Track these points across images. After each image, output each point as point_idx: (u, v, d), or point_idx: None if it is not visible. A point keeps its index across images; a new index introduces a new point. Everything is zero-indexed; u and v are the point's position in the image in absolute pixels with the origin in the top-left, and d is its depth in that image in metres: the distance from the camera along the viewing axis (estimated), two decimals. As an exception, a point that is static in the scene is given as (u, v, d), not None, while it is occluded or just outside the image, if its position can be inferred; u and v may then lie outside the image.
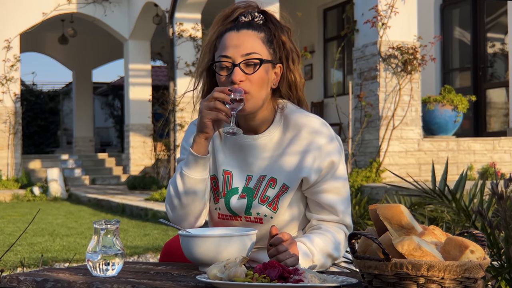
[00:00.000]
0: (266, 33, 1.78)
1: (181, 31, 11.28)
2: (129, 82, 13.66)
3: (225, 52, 1.74)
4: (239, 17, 1.80)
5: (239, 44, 1.73)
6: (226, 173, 1.83)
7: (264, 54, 1.76)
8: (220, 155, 1.84)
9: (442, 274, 1.20)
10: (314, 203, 1.82)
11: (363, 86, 7.69)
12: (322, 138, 1.78)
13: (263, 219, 1.79)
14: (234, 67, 1.73)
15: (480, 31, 10.91)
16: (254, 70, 1.73)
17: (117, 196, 10.25)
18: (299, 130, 1.79)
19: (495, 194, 1.16)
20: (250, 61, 1.73)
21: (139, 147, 13.70)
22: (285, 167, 1.78)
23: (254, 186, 1.80)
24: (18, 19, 12.37)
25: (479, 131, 10.75)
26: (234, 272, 1.36)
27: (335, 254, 1.78)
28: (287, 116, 1.82)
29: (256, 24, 1.78)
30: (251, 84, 1.73)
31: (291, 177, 1.77)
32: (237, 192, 1.81)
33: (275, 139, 1.80)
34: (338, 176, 1.80)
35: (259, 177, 1.80)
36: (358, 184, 7.12)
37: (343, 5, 12.08)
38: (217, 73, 1.77)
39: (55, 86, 22.76)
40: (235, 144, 1.83)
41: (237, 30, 1.76)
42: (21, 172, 12.37)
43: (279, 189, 1.78)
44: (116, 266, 1.54)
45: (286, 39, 1.81)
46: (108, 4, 13.26)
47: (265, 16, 1.82)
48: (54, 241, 6.17)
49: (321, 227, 1.81)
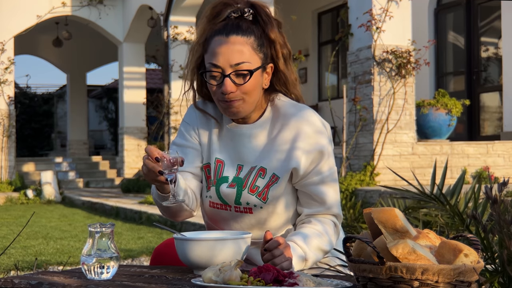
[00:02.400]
0: (256, 35, 1.75)
1: (176, 34, 11.28)
2: (123, 85, 13.65)
3: (215, 61, 1.72)
4: (229, 13, 1.77)
5: (228, 52, 1.71)
6: (218, 161, 1.84)
7: (254, 61, 1.74)
8: (214, 143, 1.85)
9: (436, 277, 1.21)
10: (304, 195, 1.82)
11: (357, 90, 7.71)
12: (310, 128, 1.78)
13: (253, 209, 1.80)
14: (224, 77, 1.71)
15: (474, 36, 10.95)
16: (244, 81, 1.72)
17: (111, 199, 10.22)
18: (288, 119, 1.79)
19: (489, 198, 1.17)
20: (240, 72, 1.71)
21: (133, 150, 13.69)
22: (274, 157, 1.79)
23: (244, 176, 1.81)
24: (12, 22, 12.34)
25: (472, 135, 10.78)
26: (229, 276, 1.36)
27: (328, 248, 1.80)
28: (277, 106, 1.83)
29: (245, 27, 1.74)
30: (243, 93, 1.73)
31: (281, 168, 1.78)
32: (227, 180, 1.82)
33: (266, 129, 1.81)
34: (327, 167, 1.81)
35: (250, 167, 1.81)
36: (352, 188, 7.13)
37: (337, 9, 12.11)
38: (207, 82, 1.76)
39: (49, 89, 22.73)
40: (229, 133, 1.84)
41: (226, 35, 1.72)
42: (15, 175, 12.33)
43: (269, 179, 1.78)
44: (111, 269, 1.54)
45: (276, 35, 1.78)
46: (102, 7, 13.25)
47: (255, 11, 1.78)
48: (47, 244, 6.15)
49: (311, 221, 1.81)
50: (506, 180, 1.20)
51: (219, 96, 1.74)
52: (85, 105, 18.36)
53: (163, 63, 11.55)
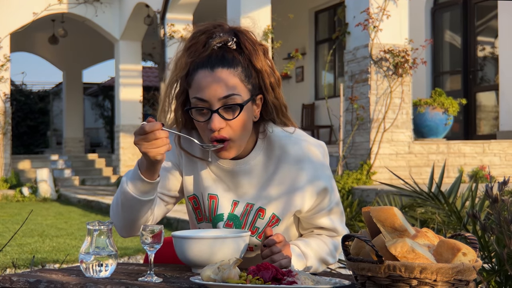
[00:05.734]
0: (243, 66, 1.63)
1: (173, 32, 11.27)
2: (119, 83, 13.63)
3: (201, 95, 1.59)
4: (210, 41, 1.64)
5: (215, 86, 1.58)
6: (211, 197, 1.73)
7: (243, 92, 1.61)
8: (204, 178, 1.74)
9: (435, 276, 1.21)
10: (311, 225, 1.78)
11: (354, 89, 7.72)
12: (311, 166, 1.68)
13: (253, 248, 1.74)
14: (212, 113, 1.59)
15: (471, 35, 10.97)
16: (234, 116, 1.59)
17: (107, 197, 10.21)
18: (285, 154, 1.69)
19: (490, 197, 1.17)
20: (229, 106, 1.59)
21: (130, 148, 13.67)
22: (274, 198, 1.69)
23: (242, 215, 1.72)
24: (8, 19, 12.32)
25: (469, 134, 10.80)
26: (228, 274, 1.36)
27: (329, 259, 1.76)
28: (269, 139, 1.71)
29: (230, 58, 1.62)
30: (233, 130, 1.60)
31: (282, 210, 1.70)
32: (222, 219, 1.73)
33: (259, 164, 1.71)
34: (332, 201, 1.73)
35: (246, 204, 1.72)
36: (349, 186, 7.14)
37: (334, 7, 12.11)
38: (194, 119, 1.63)
39: (45, 86, 22.68)
40: (219, 168, 1.73)
41: (211, 68, 1.60)
42: (10, 173, 12.31)
43: (269, 220, 1.71)
44: (109, 267, 1.54)
45: (263, 64, 1.65)
46: (99, 4, 13.23)
47: (238, 39, 1.65)
48: (43, 242, 6.14)
49: (321, 233, 1.79)
50: (506, 179, 1.20)
51: (208, 134, 1.61)
52: (81, 103, 18.33)
53: (160, 61, 11.54)
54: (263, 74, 1.66)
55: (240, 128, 1.61)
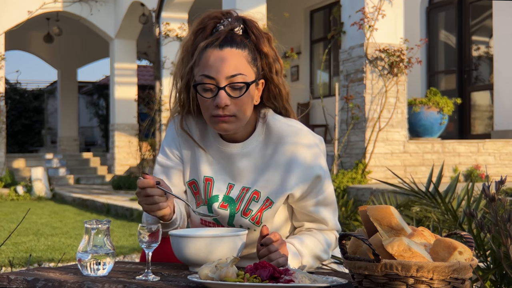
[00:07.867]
0: (250, 49, 1.69)
1: (168, 31, 11.26)
2: (114, 82, 13.61)
3: (208, 72, 1.65)
4: (218, 26, 1.71)
5: (223, 64, 1.64)
6: (206, 179, 1.78)
7: (249, 74, 1.68)
8: (202, 162, 1.79)
9: (431, 274, 1.22)
10: (303, 214, 1.80)
11: (349, 88, 7.73)
12: (307, 152, 1.73)
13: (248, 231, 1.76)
14: (219, 90, 1.65)
15: (465, 34, 10.99)
16: (240, 94, 1.66)
17: (102, 196, 10.20)
18: (282, 140, 1.74)
19: (487, 196, 1.18)
20: (235, 84, 1.65)
21: (124, 147, 13.65)
22: (269, 181, 1.73)
23: (237, 198, 1.76)
24: (3, 17, 12.28)
25: (464, 134, 10.83)
26: (225, 272, 1.37)
27: (324, 256, 1.79)
28: (269, 125, 1.76)
29: (238, 40, 1.69)
30: (237, 107, 1.66)
31: (276, 192, 1.73)
32: (217, 200, 1.76)
33: (257, 148, 1.75)
34: (325, 189, 1.76)
35: (242, 188, 1.76)
36: (344, 186, 7.15)
37: (330, 7, 12.13)
38: (200, 95, 1.68)
39: (40, 85, 22.62)
40: (218, 152, 1.78)
41: (220, 47, 1.66)
42: (5, 171, 12.28)
43: (263, 203, 1.74)
44: (107, 265, 1.54)
45: (268, 49, 1.73)
46: (94, 3, 13.20)
47: (245, 26, 1.73)
48: (38, 240, 6.13)
49: (312, 230, 1.81)
50: (503, 178, 1.21)
51: (212, 111, 1.67)
52: (76, 102, 18.30)
53: (155, 59, 11.53)
54: (268, 58, 1.73)
55: (243, 107, 1.67)
